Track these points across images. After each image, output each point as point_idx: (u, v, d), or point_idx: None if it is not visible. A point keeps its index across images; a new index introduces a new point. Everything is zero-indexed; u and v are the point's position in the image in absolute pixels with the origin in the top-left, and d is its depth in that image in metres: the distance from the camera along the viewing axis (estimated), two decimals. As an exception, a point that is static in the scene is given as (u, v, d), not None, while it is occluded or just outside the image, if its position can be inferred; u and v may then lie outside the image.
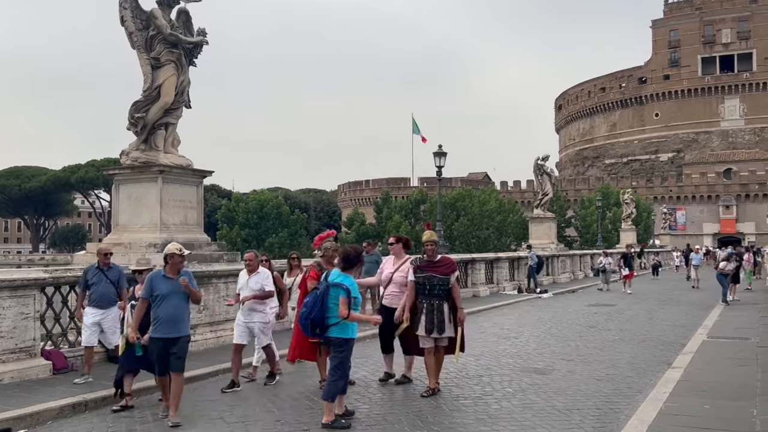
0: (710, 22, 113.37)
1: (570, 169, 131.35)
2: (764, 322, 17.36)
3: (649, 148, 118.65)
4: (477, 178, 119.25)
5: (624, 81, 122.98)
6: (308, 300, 7.96)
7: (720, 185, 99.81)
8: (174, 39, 13.38)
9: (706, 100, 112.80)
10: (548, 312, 20.75)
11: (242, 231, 72.20)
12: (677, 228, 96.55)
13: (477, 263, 26.55)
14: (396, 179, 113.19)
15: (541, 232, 39.12)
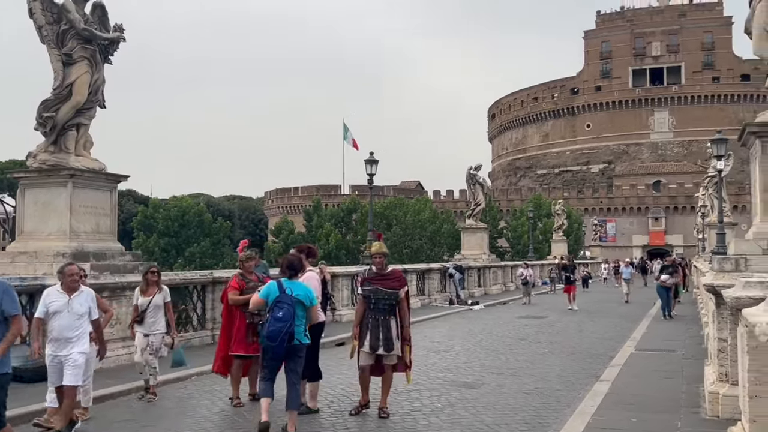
0: (641, 34, 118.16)
1: (503, 179, 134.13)
2: (691, 335, 18.11)
3: (580, 159, 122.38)
4: (410, 187, 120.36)
5: (556, 91, 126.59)
6: (283, 313, 7.77)
7: (649, 197, 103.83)
8: (88, 34, 13.01)
9: (637, 112, 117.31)
10: (479, 324, 21.09)
11: (161, 239, 70.49)
12: (607, 239, 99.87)
13: (408, 274, 26.71)
14: (327, 186, 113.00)
15: (474, 242, 39.72)
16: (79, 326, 7.70)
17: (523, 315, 24.33)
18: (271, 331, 7.73)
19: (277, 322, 7.74)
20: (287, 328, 7.70)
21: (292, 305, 7.84)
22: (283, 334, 7.70)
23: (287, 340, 7.74)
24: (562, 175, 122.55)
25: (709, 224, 41.50)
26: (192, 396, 10.34)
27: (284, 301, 7.83)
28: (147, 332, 9.67)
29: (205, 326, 15.61)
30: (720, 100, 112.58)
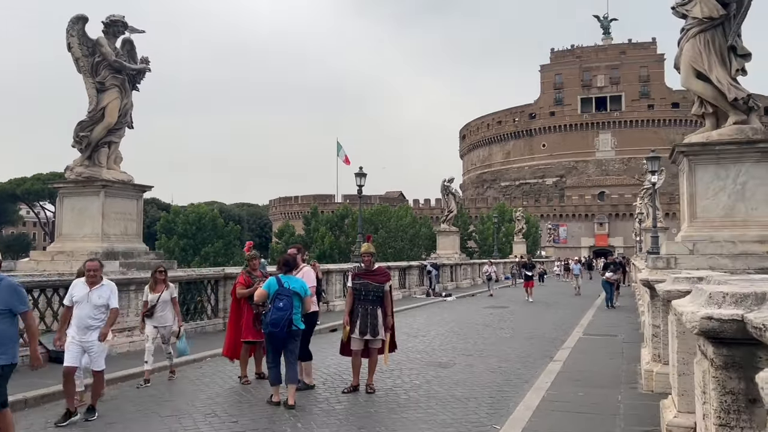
0: (588, 68, 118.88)
1: (472, 190, 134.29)
2: (629, 322, 18.21)
3: (537, 173, 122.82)
4: (393, 196, 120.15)
5: (517, 116, 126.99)
6: (283, 303, 7.87)
7: (595, 206, 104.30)
8: (118, 66, 12.94)
9: (584, 133, 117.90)
10: (452, 313, 21.07)
11: (180, 241, 69.98)
12: (560, 241, 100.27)
13: (392, 270, 26.71)
14: (322, 195, 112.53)
15: (447, 243, 39.78)
16: (99, 316, 7.43)
17: (488, 305, 24.35)
18: (274, 318, 7.81)
19: (279, 311, 7.84)
20: (288, 315, 7.80)
21: (290, 297, 7.93)
22: (284, 321, 7.80)
23: (287, 326, 7.82)
24: (522, 187, 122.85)
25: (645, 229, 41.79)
26: (206, 375, 10.26)
27: (284, 294, 7.93)
28: (157, 324, 9.41)
29: (217, 315, 15.50)
30: (654, 124, 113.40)
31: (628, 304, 24.51)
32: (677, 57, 9.94)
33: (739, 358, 3.43)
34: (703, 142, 9.23)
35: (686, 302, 4.09)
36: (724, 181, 9.05)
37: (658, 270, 8.80)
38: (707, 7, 9.19)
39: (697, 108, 9.78)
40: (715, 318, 3.36)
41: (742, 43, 9.35)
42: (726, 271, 7.81)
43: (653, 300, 8.64)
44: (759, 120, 9.75)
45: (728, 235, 8.80)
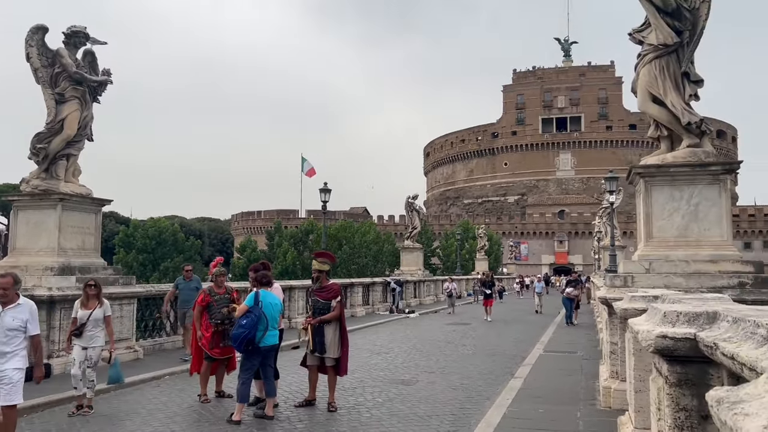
0: (549, 89, 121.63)
1: (435, 206, 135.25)
2: (588, 339, 18.51)
3: (499, 191, 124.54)
4: (358, 212, 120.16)
5: (480, 135, 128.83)
6: (246, 321, 7.88)
7: (555, 224, 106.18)
8: (79, 77, 12.70)
9: (545, 153, 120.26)
10: (414, 330, 21.10)
11: (139, 255, 68.60)
12: (521, 258, 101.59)
13: (355, 287, 26.67)
14: (286, 211, 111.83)
15: (411, 260, 39.90)
16: (14, 341, 6.13)
17: (451, 322, 24.45)
18: (234, 334, 7.98)
19: (240, 328, 7.94)
20: (246, 334, 7.80)
21: (258, 316, 7.95)
22: (242, 338, 7.82)
23: (245, 344, 7.85)
24: (484, 204, 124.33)
25: (604, 247, 42.72)
26: (164, 393, 10.04)
27: (253, 312, 7.91)
28: (85, 345, 8.44)
29: (177, 332, 15.19)
30: (612, 145, 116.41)
31: (588, 321, 24.89)
32: (634, 81, 10.26)
33: (692, 376, 3.54)
34: (659, 164, 9.52)
35: (642, 321, 4.21)
36: (678, 202, 9.34)
37: (616, 288, 8.99)
38: (662, 35, 9.54)
39: (653, 131, 10.09)
40: (669, 336, 3.47)
41: (694, 70, 9.71)
42: (680, 290, 8.04)
43: (611, 317, 8.83)
44: (711, 143, 10.12)
45: (682, 255, 9.07)
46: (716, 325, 3.36)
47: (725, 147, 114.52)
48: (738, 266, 8.83)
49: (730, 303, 4.67)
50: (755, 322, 2.80)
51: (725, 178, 9.35)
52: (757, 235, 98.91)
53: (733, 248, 9.18)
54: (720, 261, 8.86)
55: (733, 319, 3.16)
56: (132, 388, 10.25)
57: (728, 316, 3.27)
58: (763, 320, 2.75)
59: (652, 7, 9.31)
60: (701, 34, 9.51)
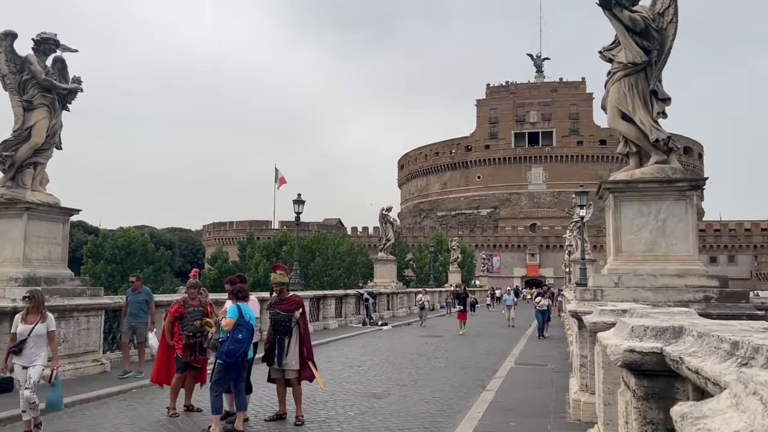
0: (521, 104, 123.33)
1: (409, 218, 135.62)
2: (559, 352, 18.68)
3: (472, 204, 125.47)
4: (331, 224, 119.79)
5: (454, 148, 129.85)
6: (242, 335, 7.90)
7: (527, 237, 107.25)
8: (48, 84, 12.49)
9: (517, 167, 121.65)
10: (387, 342, 21.05)
11: (108, 266, 67.36)
12: (493, 271, 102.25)
13: (328, 299, 26.52)
14: (259, 222, 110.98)
15: (384, 272, 39.86)
16: None
17: (423, 335, 24.46)
18: (231, 349, 7.82)
19: (237, 343, 7.90)
20: (244, 348, 7.90)
21: (250, 330, 7.98)
22: (240, 353, 7.84)
23: (242, 357, 7.92)
24: (458, 217, 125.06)
25: (574, 260, 43.21)
26: (131, 407, 9.83)
27: (243, 326, 7.95)
28: (26, 364, 7.58)
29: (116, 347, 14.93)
30: (583, 160, 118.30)
31: (558, 334, 25.11)
32: (604, 98, 10.46)
33: (659, 390, 3.59)
34: (628, 180, 9.70)
35: (611, 335, 4.27)
36: (646, 218, 9.52)
37: (586, 302, 9.10)
38: (631, 53, 9.76)
39: (622, 147, 10.28)
40: (636, 351, 3.52)
41: (662, 88, 9.95)
42: (648, 304, 8.18)
43: (581, 331, 8.93)
44: (678, 159, 10.36)
45: (650, 269, 9.23)
46: (682, 339, 3.43)
47: (692, 163, 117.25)
48: (704, 281, 9.01)
49: (696, 317, 4.77)
50: (719, 337, 2.87)
51: (691, 195, 9.56)
52: (722, 250, 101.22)
53: (699, 263, 9.38)
54: (686, 275, 9.04)
55: (698, 334, 3.22)
56: (98, 402, 10.03)
57: (693, 331, 3.34)
58: (726, 335, 2.81)
59: (622, 26, 9.52)
60: (668, 53, 9.76)
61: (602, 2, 9.35)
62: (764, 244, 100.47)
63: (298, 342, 8.85)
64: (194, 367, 9.21)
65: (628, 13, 9.37)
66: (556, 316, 33.34)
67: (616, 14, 9.39)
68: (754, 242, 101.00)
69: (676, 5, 9.51)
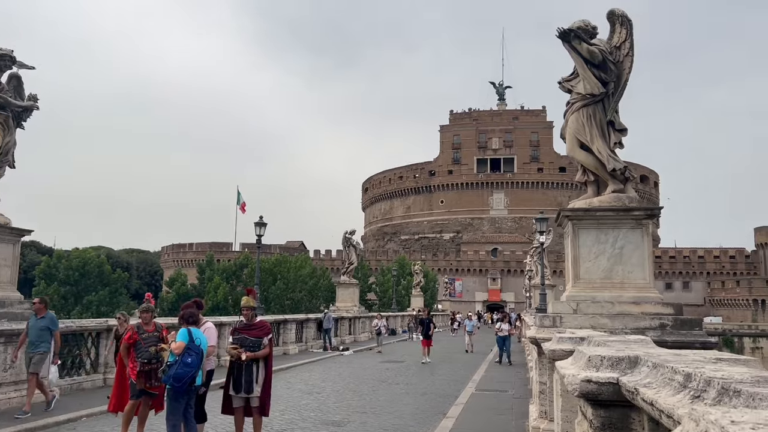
0: (484, 131, 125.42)
1: (373, 242, 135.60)
2: (519, 378, 18.76)
3: (435, 228, 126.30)
4: (294, 246, 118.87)
5: (417, 172, 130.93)
6: (191, 360, 7.68)
7: (489, 261, 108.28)
8: (2, 101, 12.15)
9: (480, 192, 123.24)
10: (348, 368, 20.82)
11: (61, 288, 65.21)
12: (456, 295, 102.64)
13: (289, 323, 26.16)
14: (219, 243, 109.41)
15: (347, 296, 39.61)
16: None
17: (384, 360, 24.28)
18: (179, 373, 7.59)
19: (186, 367, 7.65)
20: (193, 373, 7.62)
21: (199, 354, 7.77)
22: (188, 378, 7.61)
23: (190, 383, 7.67)
24: (421, 241, 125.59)
25: (534, 285, 43.71)
26: (80, 438, 9.45)
27: (193, 350, 7.71)
28: None
29: (97, 370, 14.45)
30: (544, 186, 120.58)
31: (520, 360, 25.21)
32: (563, 127, 10.69)
33: (616, 419, 3.61)
34: (586, 208, 9.89)
35: (568, 364, 4.29)
36: (604, 245, 9.70)
37: (545, 328, 9.17)
38: (589, 85, 10.02)
39: (581, 175, 10.50)
40: (593, 381, 3.54)
41: (619, 119, 10.22)
42: (606, 331, 8.29)
43: (540, 357, 8.97)
44: (635, 188, 10.62)
45: (608, 296, 9.38)
46: (637, 369, 3.46)
47: (648, 191, 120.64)
48: (659, 308, 9.19)
49: (652, 346, 4.84)
50: (673, 369, 2.90)
51: (647, 223, 9.79)
52: (677, 276, 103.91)
53: (654, 290, 9.57)
54: (643, 303, 9.21)
55: (653, 365, 3.26)
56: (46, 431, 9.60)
57: (648, 361, 3.38)
58: (680, 367, 2.84)
59: (581, 58, 9.78)
60: (625, 85, 10.05)
61: (561, 35, 9.59)
62: (717, 271, 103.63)
63: (264, 369, 8.65)
64: (150, 394, 8.90)
65: (587, 46, 9.63)
66: (516, 342, 33.43)
67: (575, 47, 9.64)
68: (707, 269, 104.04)
69: (632, 40, 9.83)
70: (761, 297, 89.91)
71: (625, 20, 9.82)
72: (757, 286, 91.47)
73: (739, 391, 2.10)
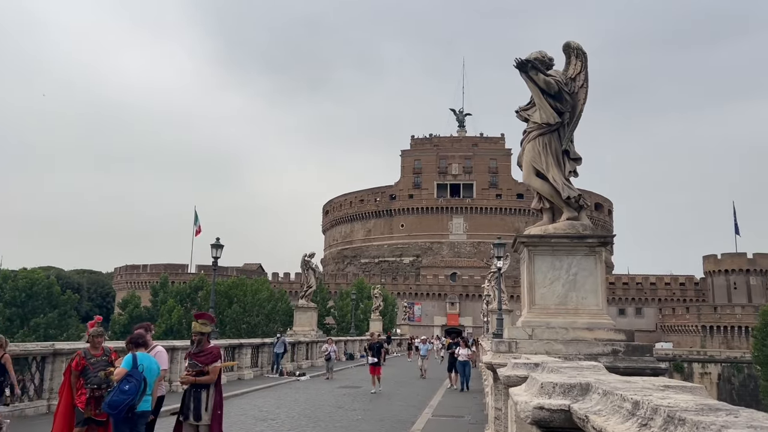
0: (444, 156, 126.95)
1: (332, 265, 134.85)
2: (476, 403, 18.77)
3: (395, 251, 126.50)
4: (252, 268, 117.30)
5: (378, 196, 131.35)
6: (129, 386, 7.37)
7: (447, 285, 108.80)
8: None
9: (439, 217, 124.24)
10: (304, 394, 20.48)
11: (6, 309, 62.65)
12: (415, 319, 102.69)
13: (244, 348, 25.66)
14: (174, 265, 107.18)
15: (305, 320, 39.13)
16: None
17: (341, 385, 23.99)
18: (114, 400, 7.31)
19: (122, 394, 7.37)
20: (130, 400, 7.29)
21: (139, 381, 7.47)
22: (124, 405, 7.30)
23: (126, 411, 7.34)
24: (381, 264, 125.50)
25: (492, 310, 44.06)
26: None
27: (134, 376, 7.41)
28: None
29: (41, 396, 13.85)
30: (502, 212, 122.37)
31: (478, 385, 25.22)
32: (520, 155, 10.89)
33: (567, 446, 3.62)
34: (541, 235, 10.05)
35: (522, 391, 4.30)
36: (559, 271, 9.85)
37: (501, 353, 9.22)
38: (545, 114, 10.26)
39: (537, 203, 10.69)
40: (545, 408, 3.56)
41: (574, 148, 10.48)
42: (561, 356, 8.38)
43: (496, 383, 9.00)
44: (589, 216, 10.86)
45: (562, 322, 9.50)
46: (588, 396, 3.49)
47: (602, 219, 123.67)
48: (611, 334, 9.35)
49: (603, 372, 4.90)
50: (622, 396, 2.93)
51: (600, 250, 10.00)
52: (630, 302, 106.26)
53: (607, 317, 9.74)
54: (596, 329, 9.36)
55: (603, 392, 3.30)
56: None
57: (599, 389, 3.41)
58: (628, 394, 2.88)
59: (537, 88, 10.02)
60: (580, 116, 10.33)
61: (519, 65, 9.82)
62: (668, 298, 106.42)
63: (213, 395, 8.45)
64: (96, 421, 8.53)
65: (543, 77, 9.88)
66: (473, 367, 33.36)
67: (532, 77, 9.88)
68: (658, 296, 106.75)
69: (586, 72, 10.13)
70: (709, 323, 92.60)
71: (580, 53, 10.14)
72: (705, 313, 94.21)
73: (684, 419, 2.13)
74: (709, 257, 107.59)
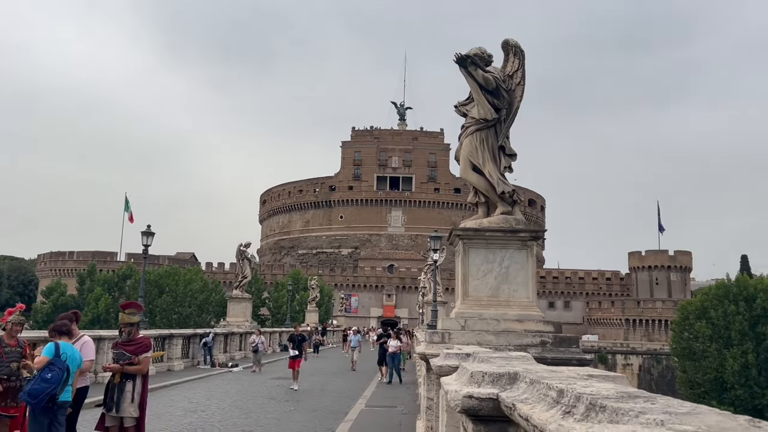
0: (384, 149, 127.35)
1: (269, 255, 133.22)
2: (409, 393, 19.00)
3: (333, 243, 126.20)
4: (184, 258, 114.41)
5: (318, 186, 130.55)
6: (51, 375, 7.00)
7: (385, 277, 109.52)
8: None
9: (378, 209, 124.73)
10: (236, 385, 20.18)
11: None
12: (351, 311, 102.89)
13: (174, 338, 25.01)
14: (103, 253, 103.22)
15: (239, 310, 38.53)
16: None
17: (274, 377, 23.74)
18: (35, 389, 6.97)
19: (43, 382, 7.03)
20: (51, 390, 6.96)
21: (62, 370, 7.13)
22: (45, 395, 6.96)
23: (47, 401, 7.00)
24: (319, 256, 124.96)
25: (427, 302, 44.62)
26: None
27: (56, 365, 7.08)
28: None
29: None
30: (439, 206, 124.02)
31: (412, 376, 25.51)
32: (458, 150, 11.03)
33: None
34: (476, 228, 10.21)
35: (452, 380, 4.35)
36: (492, 264, 10.05)
37: (434, 344, 9.33)
38: (483, 110, 10.42)
39: (473, 197, 10.86)
40: (474, 397, 3.60)
41: (509, 145, 10.70)
42: (491, 347, 8.55)
43: (428, 373, 9.11)
44: (522, 212, 11.12)
45: (494, 314, 9.71)
46: (516, 385, 3.56)
47: (535, 215, 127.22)
48: (540, 326, 9.62)
49: (532, 362, 5.02)
50: (548, 385, 3.00)
51: (532, 244, 10.25)
52: (559, 296, 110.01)
53: (537, 309, 10.02)
54: (525, 321, 9.60)
55: (530, 381, 3.36)
56: None
57: (527, 378, 3.48)
58: (554, 383, 2.95)
59: (476, 84, 10.14)
60: (516, 113, 10.53)
61: (458, 60, 9.91)
62: (595, 292, 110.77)
63: (140, 387, 8.19)
64: (7, 416, 8.11)
65: (482, 73, 10.01)
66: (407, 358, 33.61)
67: (471, 72, 9.99)
68: (586, 290, 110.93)
69: (523, 69, 10.33)
70: (632, 317, 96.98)
71: (518, 50, 10.32)
72: (629, 307, 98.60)
73: (605, 406, 2.19)
74: (633, 254, 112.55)
